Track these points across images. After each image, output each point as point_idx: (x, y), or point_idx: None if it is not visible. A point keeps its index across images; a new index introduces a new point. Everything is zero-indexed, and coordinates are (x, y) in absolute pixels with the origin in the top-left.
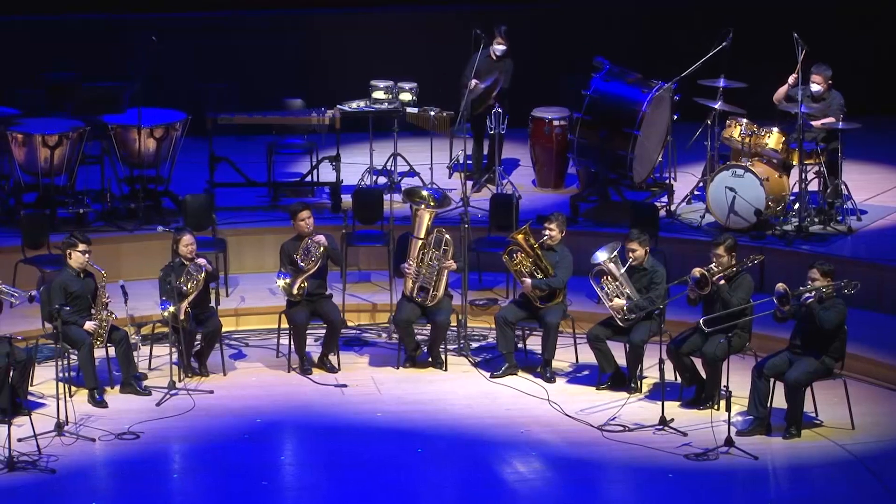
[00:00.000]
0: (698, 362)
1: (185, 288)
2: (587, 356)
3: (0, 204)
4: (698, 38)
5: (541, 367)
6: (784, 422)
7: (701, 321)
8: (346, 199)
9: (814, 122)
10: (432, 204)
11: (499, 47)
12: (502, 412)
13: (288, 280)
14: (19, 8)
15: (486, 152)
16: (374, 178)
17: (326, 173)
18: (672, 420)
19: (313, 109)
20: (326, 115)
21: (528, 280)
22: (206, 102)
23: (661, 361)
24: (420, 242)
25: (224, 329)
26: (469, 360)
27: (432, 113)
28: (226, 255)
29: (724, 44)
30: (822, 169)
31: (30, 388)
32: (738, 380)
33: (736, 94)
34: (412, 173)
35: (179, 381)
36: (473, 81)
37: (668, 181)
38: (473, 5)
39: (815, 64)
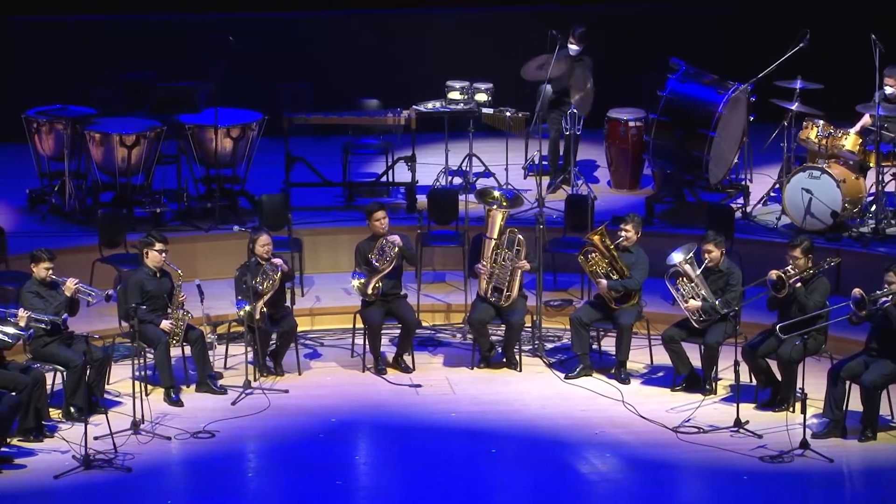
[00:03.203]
0: (774, 364)
1: (260, 287)
2: (662, 357)
3: (77, 203)
4: (775, 39)
5: (615, 369)
6: (860, 424)
7: (777, 327)
8: (422, 200)
9: None
10: (504, 204)
11: (572, 48)
12: (577, 413)
13: (362, 280)
14: (97, 8)
15: (561, 153)
16: (450, 178)
17: (402, 173)
18: (747, 422)
19: (389, 110)
20: (402, 115)
21: (604, 281)
22: (282, 102)
23: (737, 363)
24: (493, 243)
25: (299, 329)
26: (543, 361)
27: (508, 113)
28: (301, 255)
29: (801, 45)
30: None
31: (106, 387)
32: (813, 382)
33: (813, 95)
34: (487, 174)
35: (255, 380)
36: (589, 85)
37: (743, 182)
38: (550, 6)
39: (889, 66)
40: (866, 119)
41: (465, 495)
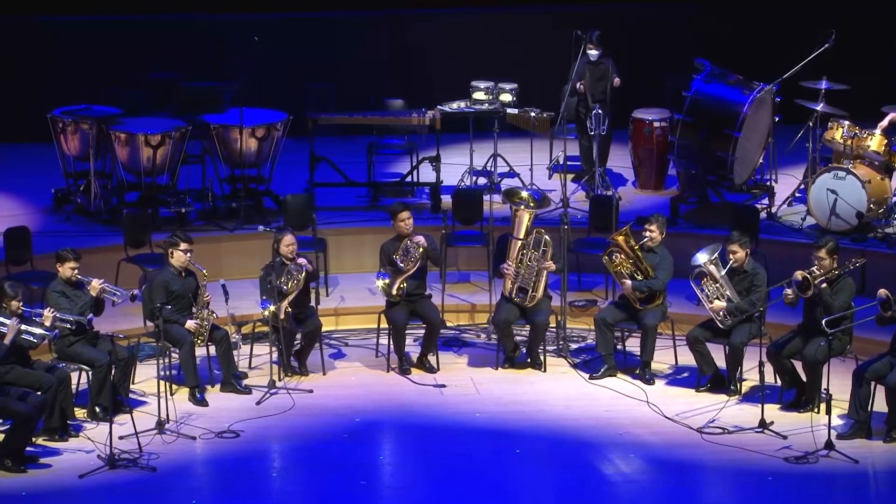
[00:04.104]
0: (798, 365)
1: (285, 287)
2: (686, 358)
3: (103, 203)
4: (800, 39)
5: (640, 369)
6: (885, 425)
7: (823, 322)
8: (446, 200)
9: None
10: (532, 205)
11: (592, 53)
12: (601, 413)
13: (387, 280)
14: (122, 9)
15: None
16: (474, 178)
17: (426, 174)
18: (772, 423)
19: (414, 110)
20: (427, 115)
21: (629, 281)
22: (307, 102)
23: (761, 364)
24: (519, 243)
25: (324, 329)
26: (568, 362)
27: (532, 114)
28: (326, 255)
29: (826, 45)
30: None
31: (131, 387)
32: (838, 383)
33: (838, 95)
34: (512, 174)
35: (279, 380)
36: (617, 80)
37: (768, 183)
38: (575, 6)
39: None
40: (893, 116)
41: (489, 495)
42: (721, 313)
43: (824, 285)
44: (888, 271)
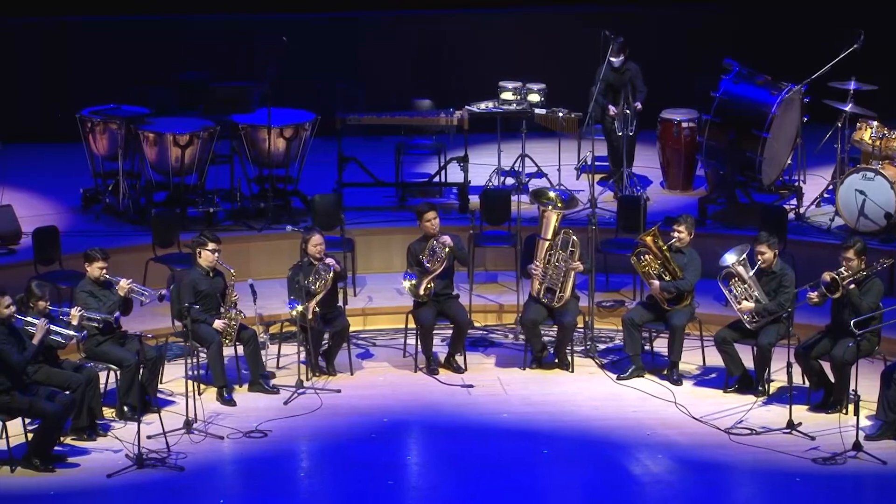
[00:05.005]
0: (826, 366)
1: (313, 287)
2: (714, 359)
3: (131, 203)
4: (829, 40)
5: (667, 370)
6: None
7: (851, 323)
8: (474, 200)
9: None
10: (560, 205)
11: (614, 60)
12: (629, 414)
13: (414, 281)
14: (152, 9)
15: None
16: (502, 178)
17: (454, 174)
18: (800, 424)
19: (442, 110)
20: (455, 115)
21: (657, 282)
22: (335, 103)
23: (789, 365)
24: (547, 244)
25: (351, 328)
26: (595, 362)
27: (560, 114)
28: (353, 255)
29: (855, 45)
30: None
31: (159, 386)
32: (866, 384)
33: (867, 96)
34: (540, 174)
35: (307, 380)
36: (639, 105)
37: (797, 184)
38: (603, 6)
39: None
40: None
41: (516, 496)
42: (749, 314)
43: (852, 286)
44: None
